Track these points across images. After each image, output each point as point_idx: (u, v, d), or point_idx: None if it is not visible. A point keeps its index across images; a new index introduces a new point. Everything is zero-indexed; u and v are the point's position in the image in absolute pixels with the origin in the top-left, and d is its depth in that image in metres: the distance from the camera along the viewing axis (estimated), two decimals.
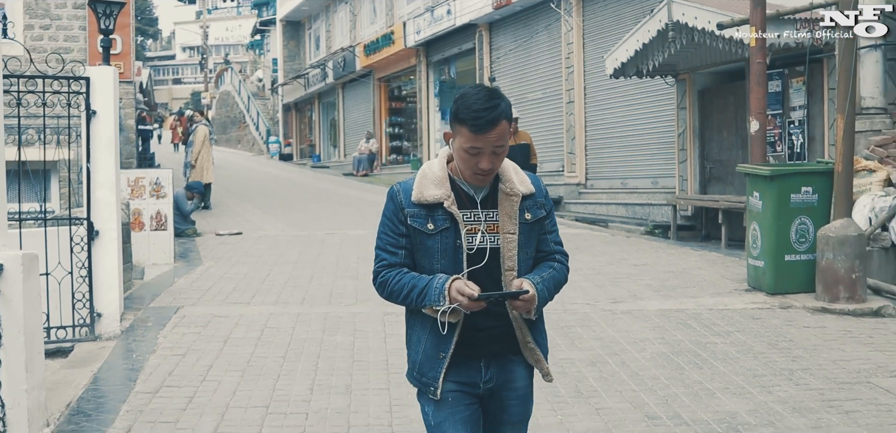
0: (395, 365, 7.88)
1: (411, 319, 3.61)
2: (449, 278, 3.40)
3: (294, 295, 11.10)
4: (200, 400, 6.95)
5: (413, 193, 3.51)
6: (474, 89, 3.45)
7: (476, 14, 27.33)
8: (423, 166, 3.60)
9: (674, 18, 14.39)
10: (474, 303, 3.35)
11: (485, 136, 3.37)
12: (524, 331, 3.57)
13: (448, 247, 3.48)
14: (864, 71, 13.44)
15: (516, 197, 3.53)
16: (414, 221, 3.49)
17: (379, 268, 3.56)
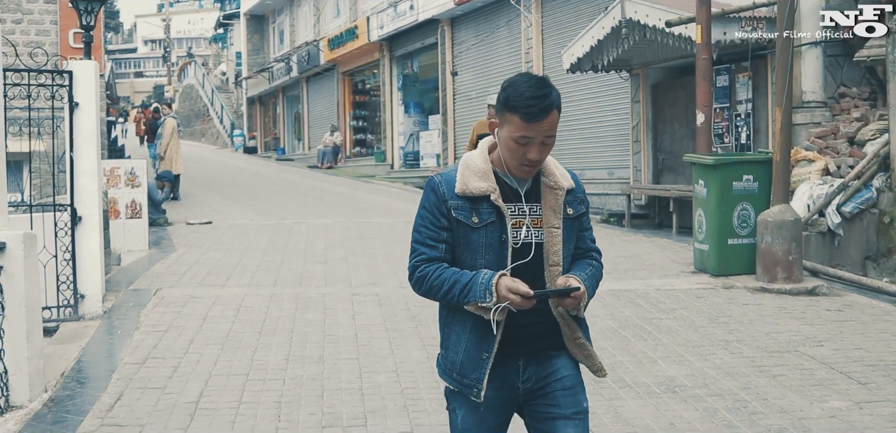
0: (363, 338, 8.51)
1: (449, 317, 3.47)
2: (495, 274, 3.28)
3: (266, 278, 11.69)
4: (184, 369, 7.55)
5: (457, 185, 3.39)
6: (525, 77, 3.36)
7: (438, 9, 27.96)
8: (464, 157, 3.48)
9: (627, 16, 15.09)
10: (526, 301, 3.25)
11: (537, 125, 3.27)
12: (573, 328, 3.47)
13: (493, 242, 3.37)
14: (806, 67, 14.22)
15: (561, 191, 3.45)
16: (458, 214, 3.37)
17: (417, 262, 3.41)
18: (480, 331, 3.34)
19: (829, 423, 6.25)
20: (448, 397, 3.51)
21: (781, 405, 6.62)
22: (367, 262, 12.87)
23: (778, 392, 6.93)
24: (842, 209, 12.32)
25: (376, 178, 31.19)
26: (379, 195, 24.67)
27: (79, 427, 6.23)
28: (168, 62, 78.62)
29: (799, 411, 6.50)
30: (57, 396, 6.92)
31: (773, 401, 6.71)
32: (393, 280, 11.46)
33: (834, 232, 12.32)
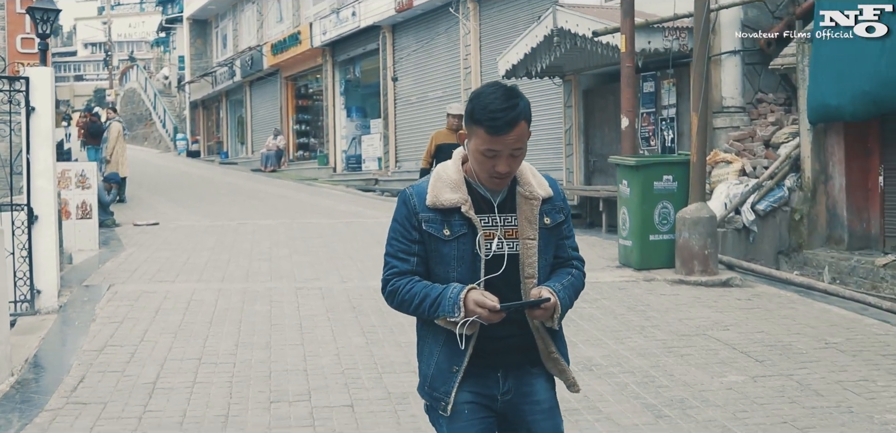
0: (306, 327, 9.16)
1: (423, 330, 3.45)
2: (464, 288, 3.24)
3: (214, 274, 12.27)
4: (141, 355, 8.14)
5: (428, 197, 3.34)
6: (491, 88, 3.29)
7: (380, 16, 28.63)
8: (437, 168, 3.41)
9: (558, 25, 15.86)
10: (494, 315, 3.20)
11: (502, 138, 3.21)
12: (547, 341, 3.41)
13: (465, 255, 3.31)
14: (726, 75, 15.09)
15: (536, 200, 3.38)
16: (429, 227, 3.33)
17: (389, 276, 3.38)
18: (452, 345, 3.30)
19: (726, 395, 7.01)
20: (427, 412, 3.48)
21: (685, 380, 7.37)
22: (310, 260, 13.49)
23: (683, 369, 7.68)
24: (756, 207, 13.18)
25: (319, 180, 31.74)
26: (322, 198, 25.26)
27: (46, 405, 6.80)
28: (110, 66, 78.22)
29: (700, 384, 7.25)
30: (23, 379, 7.49)
31: (679, 376, 7.46)
32: (335, 276, 12.10)
33: (749, 228, 13.17)
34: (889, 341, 8.72)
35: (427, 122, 27.23)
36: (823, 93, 12.22)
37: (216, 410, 6.64)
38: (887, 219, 12.55)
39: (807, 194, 13.13)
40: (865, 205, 12.84)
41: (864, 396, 6.96)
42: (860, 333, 9.01)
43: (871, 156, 12.78)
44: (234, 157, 46.00)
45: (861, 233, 12.84)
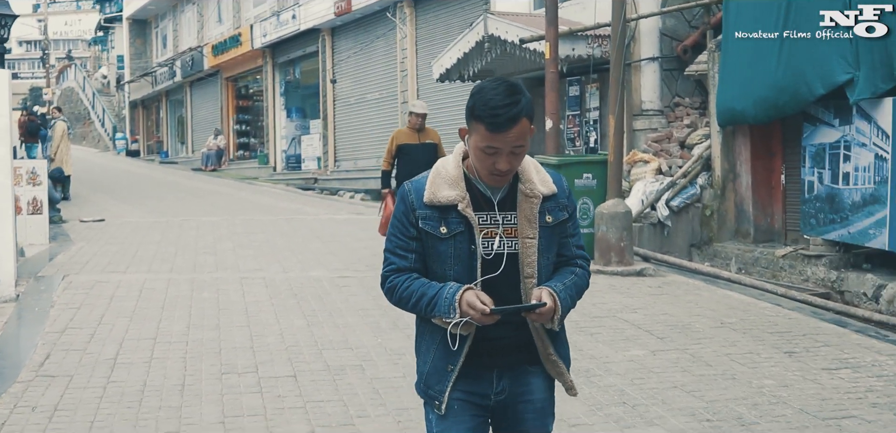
0: (252, 311, 9.95)
1: (421, 327, 3.43)
2: (460, 288, 3.20)
3: (162, 266, 13.00)
4: (100, 335, 8.88)
5: (425, 194, 3.30)
6: (492, 84, 3.23)
7: (319, 20, 29.40)
8: (437, 164, 3.37)
9: (489, 32, 16.79)
10: (487, 317, 3.15)
11: (503, 135, 3.15)
12: (545, 343, 3.36)
13: (462, 253, 3.27)
14: (645, 80, 16.13)
15: (537, 199, 3.30)
16: (426, 224, 3.29)
17: (387, 272, 3.37)
18: (448, 343, 3.27)
19: (627, 366, 7.94)
20: (424, 405, 3.48)
21: (592, 354, 8.29)
22: (253, 253, 14.26)
23: (592, 345, 8.61)
24: (670, 203, 14.20)
25: (260, 179, 32.42)
26: (263, 195, 25.97)
27: (17, 378, 7.52)
28: (47, 64, 77.88)
29: (605, 357, 8.18)
30: None
31: (587, 351, 8.38)
32: (277, 267, 12.89)
33: (664, 223, 14.18)
34: (777, 321, 9.73)
35: (366, 123, 28.12)
36: (730, 98, 13.26)
37: (173, 381, 7.42)
38: (788, 214, 13.63)
39: (717, 191, 14.18)
40: (769, 201, 13.91)
41: (748, 366, 7.92)
42: (754, 315, 10.02)
43: (774, 156, 13.84)
44: (175, 157, 46.41)
45: (765, 228, 13.91)
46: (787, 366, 7.95)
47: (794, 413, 6.72)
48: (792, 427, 6.43)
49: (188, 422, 6.43)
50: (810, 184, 12.22)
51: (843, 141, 11.60)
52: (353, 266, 12.97)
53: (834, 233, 11.80)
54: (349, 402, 6.87)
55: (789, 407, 6.85)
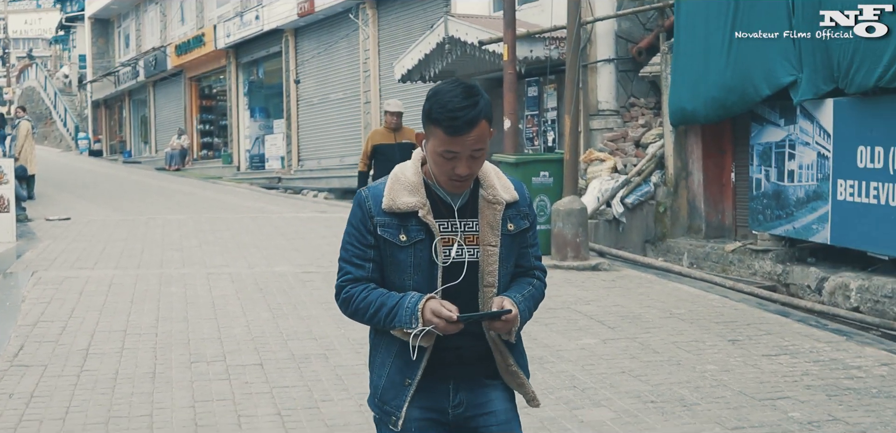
0: (219, 304, 10.27)
1: (375, 340, 3.31)
2: (422, 297, 3.09)
3: (130, 262, 13.28)
4: (72, 328, 9.18)
5: (384, 200, 3.17)
6: (449, 86, 3.11)
7: (283, 20, 29.67)
8: (396, 170, 3.25)
9: (450, 34, 17.18)
10: (452, 326, 3.05)
11: (462, 139, 3.03)
12: (505, 354, 3.25)
13: (422, 262, 3.16)
14: (601, 81, 16.58)
15: (499, 205, 3.20)
16: (384, 232, 3.18)
17: (343, 283, 3.24)
18: (405, 355, 3.17)
19: (579, 353, 8.35)
20: (376, 425, 3.34)
21: (546, 342, 8.70)
22: (219, 250, 14.56)
23: (546, 334, 9.01)
24: (625, 200, 14.65)
25: (223, 179, 32.65)
26: (227, 194, 26.23)
27: None
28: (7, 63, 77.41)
29: (558, 346, 8.59)
30: None
31: (541, 340, 8.78)
32: (243, 262, 13.21)
33: (619, 220, 14.64)
34: (724, 312, 10.19)
35: (329, 123, 28.43)
36: (681, 98, 13.73)
37: (144, 369, 7.75)
38: (738, 210, 14.11)
39: (670, 189, 14.65)
40: (720, 198, 14.39)
41: (693, 353, 8.36)
42: (701, 306, 10.47)
43: (725, 154, 14.33)
44: (138, 157, 46.48)
45: (717, 224, 14.40)
46: (730, 353, 8.40)
47: (733, 395, 7.15)
48: (730, 407, 6.86)
49: (160, 406, 6.76)
50: (758, 181, 12.70)
51: (788, 140, 12.08)
52: (316, 262, 13.31)
53: (780, 229, 12.28)
54: (313, 388, 7.23)
55: (729, 389, 7.29)
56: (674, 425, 6.41)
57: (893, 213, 10.27)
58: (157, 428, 6.30)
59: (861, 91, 10.53)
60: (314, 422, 6.44)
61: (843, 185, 11.05)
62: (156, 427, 6.32)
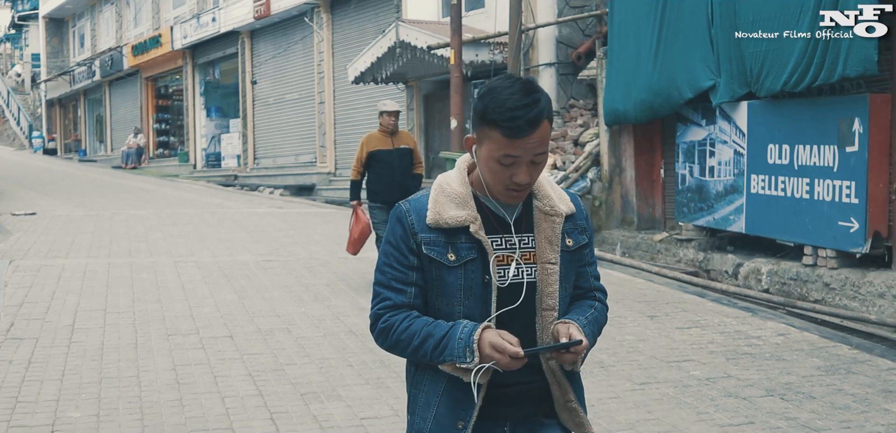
0: (188, 288, 11.22)
1: (417, 376, 2.91)
2: (477, 327, 2.70)
3: (100, 252, 14.17)
4: (56, 308, 10.10)
5: (429, 214, 2.80)
6: (507, 82, 2.74)
7: (239, 23, 30.54)
8: (439, 180, 2.88)
9: (400, 38, 18.20)
10: (515, 362, 2.66)
11: (522, 142, 2.67)
12: (565, 389, 2.89)
13: (474, 284, 2.78)
14: (543, 83, 17.67)
15: (558, 217, 2.85)
16: (430, 250, 2.79)
17: (380, 310, 2.84)
18: (455, 394, 2.79)
19: None
20: None
21: None
22: (184, 241, 15.49)
23: None
24: None
25: (180, 176, 33.47)
26: (185, 191, 27.08)
27: None
28: None
29: None
30: None
31: None
32: (207, 252, 14.15)
33: None
34: (647, 293, 11.32)
35: (284, 123, 29.38)
36: (614, 100, 14.84)
37: (126, 341, 8.70)
38: (667, 203, 15.26)
39: (605, 184, 15.77)
40: (651, 192, 15.54)
41: (615, 326, 9.45)
42: (628, 289, 11.60)
43: (655, 152, 15.47)
44: (93, 155, 47.02)
45: (647, 216, 15.54)
46: (647, 326, 9.53)
47: (645, 358, 8.27)
48: (642, 368, 7.96)
49: (144, 369, 7.73)
50: (683, 177, 13.84)
51: (709, 139, 13.23)
52: (276, 252, 14.28)
53: (702, 220, 13.42)
54: (278, 354, 8.23)
55: (643, 354, 8.40)
56: (591, 382, 7.46)
57: (797, 204, 11.43)
58: (144, 386, 7.27)
59: (770, 95, 11.68)
60: (281, 381, 7.44)
61: (755, 180, 12.20)
62: (143, 385, 7.28)
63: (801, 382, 7.57)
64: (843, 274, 10.76)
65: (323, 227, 17.58)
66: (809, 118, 11.28)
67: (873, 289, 10.32)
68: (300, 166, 27.89)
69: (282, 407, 6.75)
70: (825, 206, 11.01)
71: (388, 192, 10.87)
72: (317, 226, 18.05)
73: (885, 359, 8.37)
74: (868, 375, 7.81)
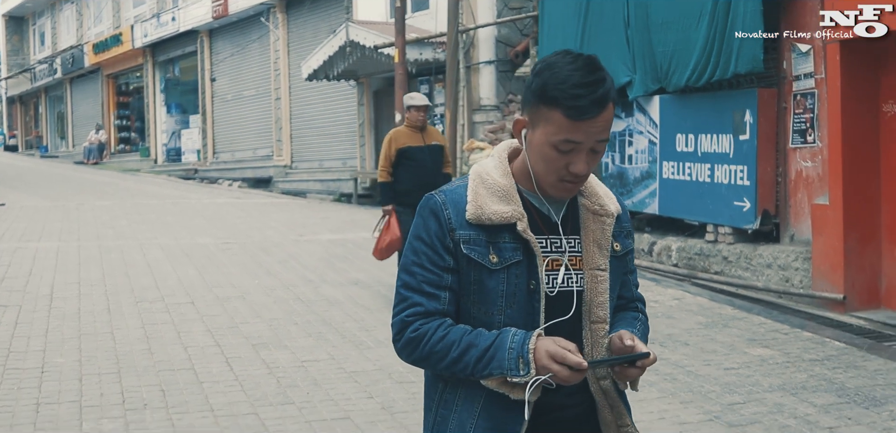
0: (153, 265, 12.42)
1: (447, 395, 2.48)
2: (529, 335, 2.32)
3: (70, 237, 15.32)
4: (34, 281, 11.28)
5: (468, 208, 2.39)
6: (567, 58, 2.33)
7: (198, 22, 31.64)
8: (476, 169, 2.48)
9: (350, 38, 19.44)
10: (577, 375, 2.28)
11: (587, 125, 2.28)
12: (619, 410, 2.52)
13: (518, 290, 2.39)
14: (483, 80, 18.99)
15: (609, 218, 2.49)
16: (470, 250, 2.38)
17: (410, 317, 2.39)
18: (495, 414, 2.39)
19: None
20: None
21: None
22: (147, 228, 16.66)
23: None
24: None
25: (142, 171, 34.54)
26: (147, 184, 28.22)
27: None
28: None
29: None
30: None
31: None
32: (169, 236, 15.34)
33: None
34: None
35: (242, 118, 30.55)
36: None
37: (100, 307, 9.91)
38: None
39: None
40: None
41: None
42: None
43: None
44: (55, 151, 47.84)
45: None
46: None
47: None
48: None
49: (117, 328, 8.95)
50: (606, 165, 15.18)
51: (628, 130, 14.57)
52: (234, 236, 15.49)
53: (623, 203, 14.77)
54: (234, 316, 9.48)
55: None
56: None
57: (700, 188, 12.81)
58: (118, 340, 8.48)
59: (677, 89, 13.03)
60: (235, 335, 8.68)
61: (667, 166, 13.56)
62: (117, 340, 8.50)
63: (681, 333, 8.93)
64: (738, 248, 12.14)
65: (278, 215, 18.84)
66: (710, 110, 12.64)
67: (762, 260, 11.71)
68: (258, 160, 29.10)
69: (236, 354, 7.99)
70: (723, 188, 12.38)
71: (421, 192, 11.52)
72: (272, 214, 19.26)
73: (760, 317, 9.76)
74: (740, 329, 9.18)
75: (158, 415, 6.34)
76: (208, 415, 6.35)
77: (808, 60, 11.19)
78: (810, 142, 11.23)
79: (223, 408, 6.50)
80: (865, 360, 8.06)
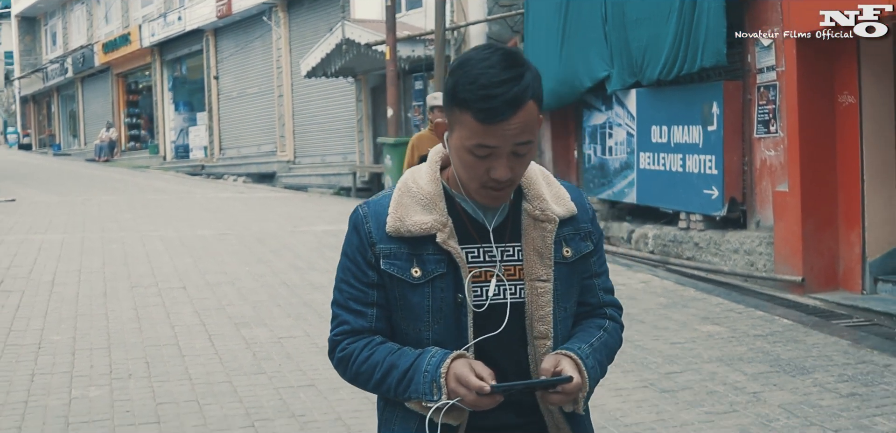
0: (151, 256, 13.07)
1: (387, 413, 2.37)
2: (447, 355, 2.18)
3: (75, 230, 15.99)
4: (39, 269, 11.94)
5: (388, 220, 2.26)
6: (483, 53, 2.15)
7: (203, 21, 32.35)
8: (405, 176, 2.34)
9: (346, 36, 20.07)
10: (484, 400, 2.12)
11: (500, 128, 2.09)
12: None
13: (444, 305, 2.25)
14: None
15: (551, 223, 2.28)
16: (390, 265, 2.25)
17: (337, 336, 2.33)
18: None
19: None
20: None
21: None
22: (150, 221, 17.33)
23: None
24: None
25: (151, 167, 35.30)
26: (155, 180, 28.94)
27: None
28: None
29: None
30: None
31: None
32: (171, 229, 16.00)
33: None
34: None
35: (247, 115, 31.28)
36: None
37: (98, 291, 10.56)
38: (581, 181, 17.19)
39: None
40: (567, 171, 17.46)
41: None
42: None
43: (570, 136, 17.40)
44: (67, 149, 48.66)
45: None
46: None
47: None
48: None
49: (112, 310, 9.59)
50: (588, 156, 15.77)
51: (608, 122, 15.15)
52: (232, 227, 16.14)
53: (604, 194, 15.35)
54: (222, 299, 10.12)
55: None
56: None
57: (673, 177, 13.39)
58: (112, 320, 9.12)
59: (651, 83, 13.61)
60: (220, 316, 9.32)
61: (643, 157, 14.14)
62: (110, 320, 9.14)
63: (639, 312, 9.51)
64: (708, 234, 12.72)
65: (279, 208, 19.50)
66: (681, 102, 13.22)
67: (730, 246, 12.29)
68: (262, 155, 29.80)
69: (219, 332, 8.63)
70: (693, 177, 12.96)
71: None
72: (273, 207, 19.92)
73: (719, 298, 10.32)
74: (697, 308, 9.76)
75: (141, 383, 6.99)
76: (186, 383, 6.99)
77: (771, 54, 11.76)
78: (773, 132, 11.80)
79: (201, 378, 7.14)
80: (807, 336, 8.63)
